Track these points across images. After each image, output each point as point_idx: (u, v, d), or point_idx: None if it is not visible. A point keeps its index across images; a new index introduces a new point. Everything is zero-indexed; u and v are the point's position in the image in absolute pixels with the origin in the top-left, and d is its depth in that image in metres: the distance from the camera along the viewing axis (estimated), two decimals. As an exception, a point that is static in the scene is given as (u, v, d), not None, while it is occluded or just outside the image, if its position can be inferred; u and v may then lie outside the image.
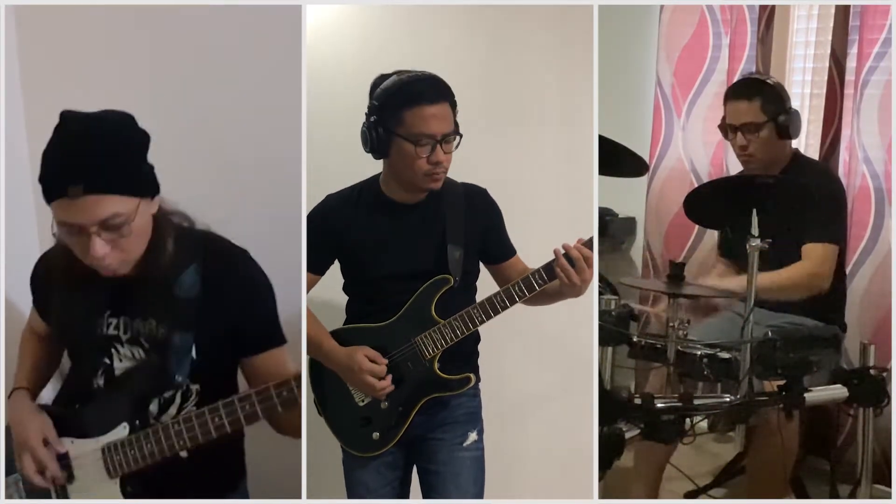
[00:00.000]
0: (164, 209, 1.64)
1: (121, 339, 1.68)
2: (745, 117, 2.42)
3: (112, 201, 1.48)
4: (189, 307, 1.63)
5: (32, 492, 1.73)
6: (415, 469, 2.05)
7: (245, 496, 1.87)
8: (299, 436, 1.74)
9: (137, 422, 1.66)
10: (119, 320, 1.69)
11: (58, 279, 1.68)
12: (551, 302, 1.96)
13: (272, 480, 1.97)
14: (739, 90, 2.48)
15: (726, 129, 2.50)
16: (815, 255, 2.37)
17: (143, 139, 1.58)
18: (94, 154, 1.48)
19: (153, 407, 1.68)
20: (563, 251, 1.81)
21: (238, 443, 1.83)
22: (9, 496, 1.76)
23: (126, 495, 1.66)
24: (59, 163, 1.50)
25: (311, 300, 1.98)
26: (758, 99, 2.41)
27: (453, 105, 1.85)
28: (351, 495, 2.03)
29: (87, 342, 1.70)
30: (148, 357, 1.66)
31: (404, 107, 1.80)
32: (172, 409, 1.68)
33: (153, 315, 1.65)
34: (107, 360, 1.69)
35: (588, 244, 1.82)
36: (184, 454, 1.63)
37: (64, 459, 1.69)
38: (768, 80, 2.47)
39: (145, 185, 1.57)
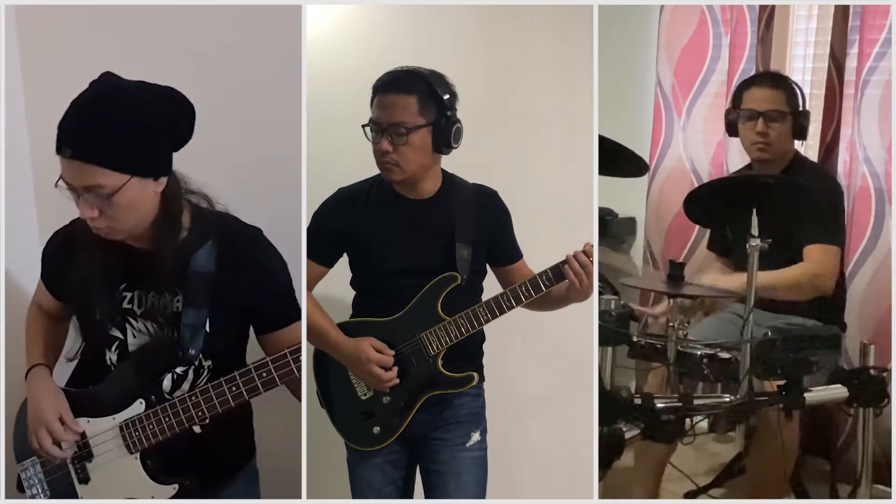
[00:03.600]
0: (184, 188, 1.69)
1: (135, 312, 1.71)
2: (771, 104, 2.44)
3: (96, 172, 1.52)
4: (204, 282, 1.66)
5: (50, 468, 1.76)
6: (418, 468, 2.05)
7: (255, 473, 1.91)
8: None
9: (153, 397, 1.69)
10: (133, 294, 1.71)
11: (74, 251, 1.72)
12: (555, 307, 1.97)
13: (272, 480, 1.97)
14: (764, 79, 2.52)
15: (735, 120, 2.51)
16: (818, 257, 2.37)
17: (163, 119, 1.60)
18: (91, 124, 1.53)
19: (166, 383, 1.70)
20: (573, 254, 1.83)
21: (248, 421, 1.88)
22: (28, 478, 1.78)
23: (146, 469, 1.70)
24: (64, 121, 1.55)
25: (317, 294, 1.98)
26: (782, 90, 2.45)
27: (425, 101, 1.83)
28: (355, 493, 2.03)
29: (102, 315, 1.72)
30: (161, 331, 1.69)
31: (374, 95, 1.86)
32: (185, 385, 1.71)
33: (168, 289, 1.69)
34: (120, 336, 1.72)
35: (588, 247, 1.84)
36: (197, 430, 1.68)
37: (81, 438, 1.72)
38: (790, 79, 2.52)
39: (140, 164, 1.58)
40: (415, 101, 1.83)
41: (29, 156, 2.36)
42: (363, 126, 1.87)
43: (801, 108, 2.47)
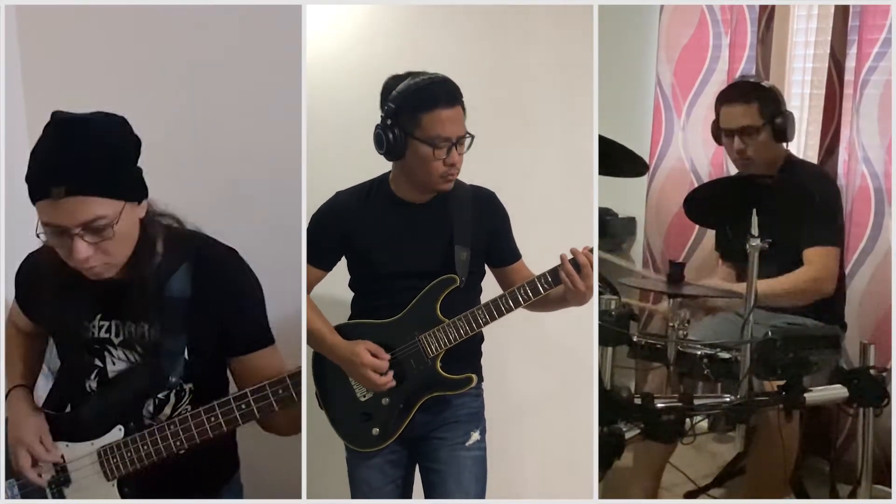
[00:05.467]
0: (152, 211, 1.64)
1: (113, 342, 1.68)
2: (742, 121, 2.41)
3: (95, 204, 1.48)
4: (180, 308, 1.63)
5: (28, 491, 1.73)
6: (417, 468, 2.05)
7: (239, 488, 1.88)
8: (285, 433, 1.74)
9: (132, 423, 1.66)
10: (110, 323, 1.68)
11: (47, 281, 1.67)
12: (555, 308, 1.97)
13: (272, 480, 1.97)
14: (734, 94, 2.46)
15: (719, 133, 2.50)
16: (818, 260, 2.36)
17: (132, 143, 1.57)
18: (78, 156, 1.48)
19: (148, 408, 1.68)
20: (569, 256, 1.82)
21: (231, 436, 1.83)
22: (7, 498, 1.76)
23: (123, 496, 1.67)
24: (44, 163, 1.50)
25: (316, 296, 1.98)
26: (755, 102, 2.41)
27: (464, 108, 1.87)
28: (354, 493, 2.03)
29: (79, 345, 1.69)
30: (141, 359, 1.66)
31: (421, 110, 1.81)
32: (167, 410, 1.69)
33: (144, 318, 1.65)
34: (99, 363, 1.69)
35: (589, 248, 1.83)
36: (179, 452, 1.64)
37: (59, 463, 1.69)
38: (763, 83, 2.48)
39: (130, 188, 1.56)
40: (462, 112, 1.86)
41: (29, 156, 2.36)
42: (417, 140, 1.82)
43: (780, 111, 2.41)
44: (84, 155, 1.48)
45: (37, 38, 2.33)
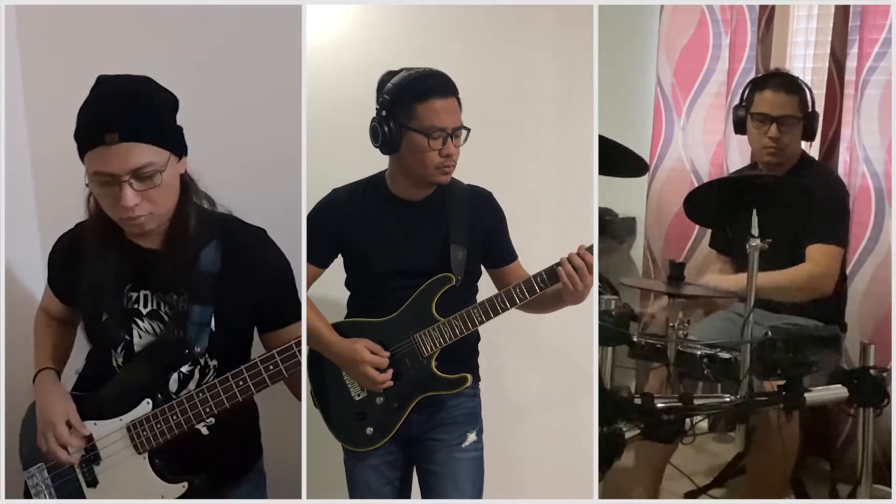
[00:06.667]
0: (192, 184, 1.71)
1: (141, 313, 1.72)
2: (786, 110, 2.43)
3: (146, 150, 1.55)
4: (209, 281, 1.68)
5: (57, 473, 1.76)
6: (415, 469, 2.05)
7: (263, 474, 1.92)
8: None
9: (160, 396, 1.70)
10: (139, 294, 1.73)
11: (80, 256, 1.73)
12: (550, 310, 1.97)
13: (272, 480, 1.97)
14: (779, 82, 2.48)
15: (745, 119, 2.50)
16: (820, 257, 2.37)
17: (172, 100, 1.66)
18: (129, 107, 1.57)
19: (172, 383, 1.71)
20: (567, 257, 1.82)
21: (255, 420, 1.90)
22: (35, 485, 1.78)
23: (154, 468, 1.70)
24: (96, 114, 1.57)
25: (312, 294, 1.98)
26: (796, 95, 2.44)
27: (459, 101, 1.87)
28: (352, 494, 2.03)
29: (110, 316, 1.72)
30: (167, 330, 1.70)
31: (416, 101, 1.82)
32: (191, 385, 1.72)
33: (174, 288, 1.70)
34: (126, 336, 1.73)
35: (590, 250, 1.83)
36: (205, 431, 1.69)
37: (88, 441, 1.72)
38: (801, 80, 2.51)
39: (177, 141, 1.65)
40: (457, 104, 1.86)
41: (29, 156, 2.36)
42: (412, 131, 1.82)
43: (813, 110, 2.47)
44: (135, 105, 1.57)
45: (37, 38, 2.33)
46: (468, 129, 1.86)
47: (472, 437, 1.98)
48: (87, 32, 2.29)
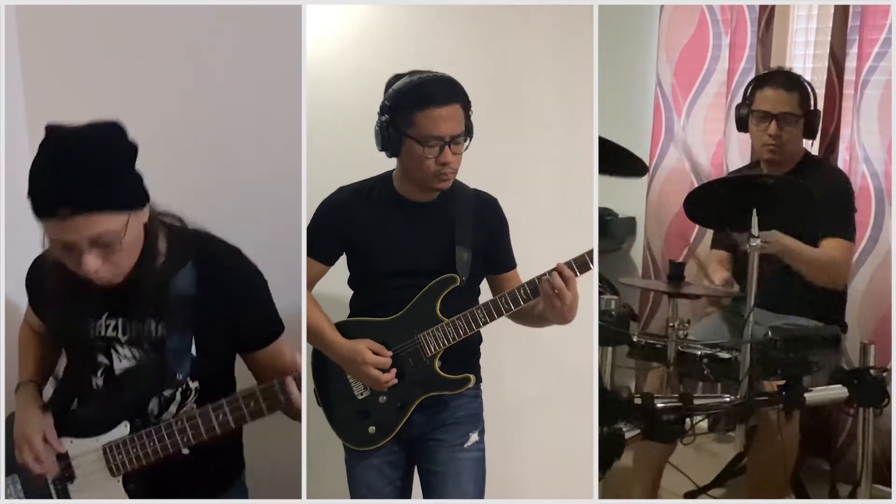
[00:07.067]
0: (155, 212, 1.64)
1: (119, 339, 1.69)
2: (786, 107, 2.43)
3: (101, 220, 1.48)
4: (186, 305, 1.64)
5: (30, 487, 1.74)
6: (416, 469, 2.05)
7: (244, 489, 1.88)
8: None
9: (138, 420, 1.67)
10: (117, 321, 1.69)
11: (53, 284, 1.68)
12: (541, 325, 1.95)
13: (272, 480, 1.97)
14: (779, 79, 2.48)
15: (747, 116, 2.50)
16: (836, 250, 2.36)
17: (129, 150, 1.56)
18: (80, 174, 1.46)
19: (153, 405, 1.68)
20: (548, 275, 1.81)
21: (237, 437, 1.84)
22: (8, 496, 1.76)
23: (128, 492, 1.67)
24: (46, 184, 1.49)
25: (316, 293, 1.98)
26: (796, 92, 2.44)
27: (465, 106, 1.86)
28: (353, 494, 2.03)
29: (85, 344, 1.70)
30: (147, 357, 1.67)
31: (415, 108, 1.81)
32: (173, 408, 1.69)
33: (151, 315, 1.66)
34: (106, 361, 1.70)
35: (583, 258, 1.82)
36: (185, 451, 1.64)
37: (64, 459, 1.69)
38: (803, 78, 2.50)
39: (133, 197, 1.56)
40: (461, 110, 1.85)
41: (29, 156, 2.35)
42: (410, 138, 1.83)
43: (812, 108, 2.47)
44: (85, 172, 1.47)
45: (37, 38, 2.32)
46: (469, 136, 1.86)
47: (474, 437, 1.98)
48: (87, 33, 2.29)
